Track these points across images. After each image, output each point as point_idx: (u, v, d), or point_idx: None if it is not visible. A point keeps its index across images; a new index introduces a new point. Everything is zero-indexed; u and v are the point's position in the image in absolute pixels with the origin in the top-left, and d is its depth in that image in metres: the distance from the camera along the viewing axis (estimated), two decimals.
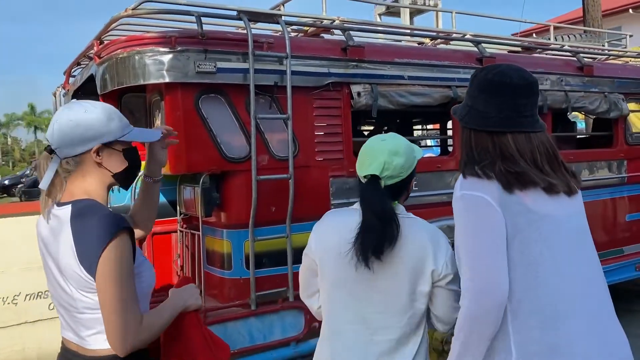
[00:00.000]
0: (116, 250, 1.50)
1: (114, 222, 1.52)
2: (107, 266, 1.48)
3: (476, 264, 1.48)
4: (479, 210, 1.51)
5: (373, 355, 1.72)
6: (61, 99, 4.14)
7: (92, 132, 1.58)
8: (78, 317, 1.55)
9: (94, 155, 1.59)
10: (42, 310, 4.56)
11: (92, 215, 1.54)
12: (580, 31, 6.11)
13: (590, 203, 4.33)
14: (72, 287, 1.53)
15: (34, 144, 63.84)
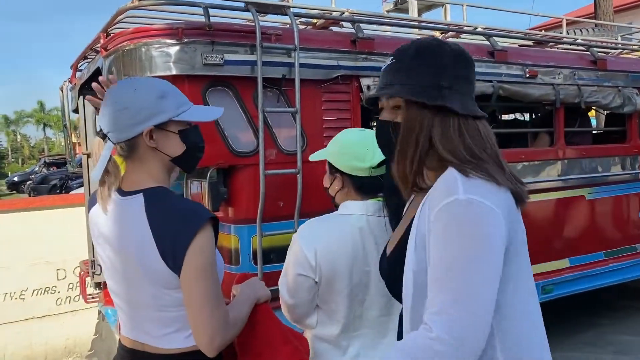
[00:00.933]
0: (203, 243, 1.37)
1: (198, 212, 1.39)
2: (195, 261, 1.36)
3: (468, 299, 1.08)
4: (490, 228, 1.11)
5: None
6: (68, 93, 4.11)
7: (143, 114, 1.42)
8: (153, 315, 1.44)
9: (147, 139, 1.43)
10: (50, 305, 4.56)
11: (171, 206, 1.40)
12: (592, 25, 6.02)
13: (603, 199, 4.28)
14: (148, 284, 1.40)
15: (43, 141, 64.29)
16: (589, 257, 4.22)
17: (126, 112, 1.42)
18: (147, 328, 1.46)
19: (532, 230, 4.03)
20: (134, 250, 1.40)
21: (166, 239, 1.36)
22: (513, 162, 3.77)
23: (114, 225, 1.44)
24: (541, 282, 3.89)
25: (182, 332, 1.44)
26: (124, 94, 1.44)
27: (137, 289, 1.43)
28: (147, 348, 1.47)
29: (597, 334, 4.74)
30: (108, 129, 1.43)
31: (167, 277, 1.38)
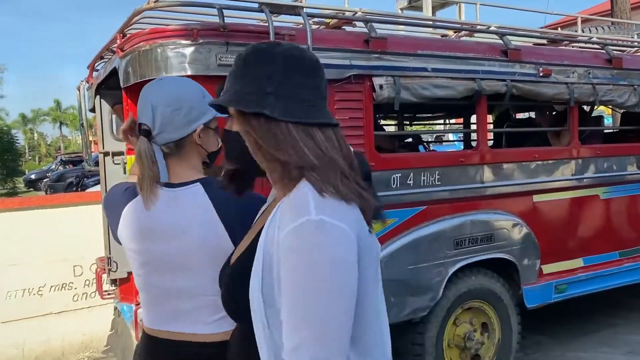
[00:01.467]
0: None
1: (260, 198, 1.46)
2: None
3: (328, 334, 0.99)
4: (346, 255, 1.01)
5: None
6: (85, 93, 4.17)
7: (194, 113, 1.52)
8: (209, 300, 1.48)
9: (197, 136, 1.53)
10: (67, 301, 4.63)
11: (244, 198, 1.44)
12: (608, 23, 5.97)
13: (617, 199, 4.25)
14: (209, 268, 1.44)
15: (59, 139, 64.97)
16: (604, 256, 4.20)
17: (179, 113, 1.49)
18: (200, 316, 1.50)
19: (546, 230, 4.02)
20: (198, 233, 1.46)
21: (234, 219, 1.44)
22: (526, 161, 3.77)
23: (172, 215, 1.48)
24: (554, 282, 3.88)
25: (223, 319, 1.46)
26: (173, 94, 1.51)
27: (193, 276, 1.48)
28: (190, 337, 1.50)
29: (612, 334, 4.71)
30: (158, 130, 1.49)
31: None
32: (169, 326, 1.53)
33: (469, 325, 3.58)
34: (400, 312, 3.19)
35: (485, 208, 3.59)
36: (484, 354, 3.66)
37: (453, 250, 3.39)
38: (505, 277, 3.72)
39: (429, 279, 3.29)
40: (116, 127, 3.96)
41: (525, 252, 3.71)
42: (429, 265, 3.30)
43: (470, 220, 3.48)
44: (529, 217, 3.76)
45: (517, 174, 3.72)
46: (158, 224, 1.50)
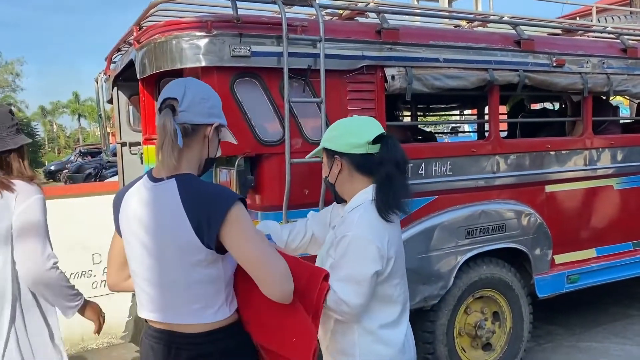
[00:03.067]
0: (238, 213, 1.53)
1: (227, 193, 1.59)
2: (236, 228, 1.51)
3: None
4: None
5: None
6: (103, 84, 4.26)
7: (216, 110, 1.67)
8: (182, 293, 1.56)
9: (210, 132, 1.64)
10: (86, 289, 4.72)
11: (203, 189, 1.56)
12: (625, 12, 5.90)
13: (631, 189, 4.24)
14: (180, 261, 1.53)
15: (78, 131, 65.68)
16: (617, 247, 4.19)
17: (206, 102, 1.62)
18: (177, 306, 1.58)
19: (558, 220, 4.02)
20: (168, 229, 1.54)
21: (200, 216, 1.50)
22: (539, 151, 3.77)
23: (148, 209, 1.59)
24: (566, 272, 3.88)
25: (209, 309, 1.58)
26: (205, 88, 1.66)
27: (169, 268, 1.56)
28: (175, 327, 1.58)
29: (625, 325, 4.71)
30: (185, 107, 1.58)
31: (199, 252, 1.52)
32: (158, 316, 1.62)
33: (480, 314, 3.61)
34: (411, 300, 3.21)
35: (497, 198, 3.60)
36: (495, 342, 3.69)
37: (464, 239, 3.41)
38: (517, 267, 3.74)
39: (440, 268, 3.33)
40: (133, 118, 4.03)
41: (537, 242, 3.72)
42: (440, 254, 3.33)
43: (481, 210, 3.50)
44: (541, 207, 3.77)
45: (529, 164, 3.73)
46: (138, 217, 1.61)
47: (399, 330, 1.91)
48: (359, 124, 1.94)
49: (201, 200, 1.53)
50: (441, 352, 3.42)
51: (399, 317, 1.92)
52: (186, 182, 1.57)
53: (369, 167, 1.87)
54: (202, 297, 1.57)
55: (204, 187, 1.58)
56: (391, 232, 1.85)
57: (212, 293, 1.57)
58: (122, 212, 1.67)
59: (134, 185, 1.69)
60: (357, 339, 1.87)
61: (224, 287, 1.60)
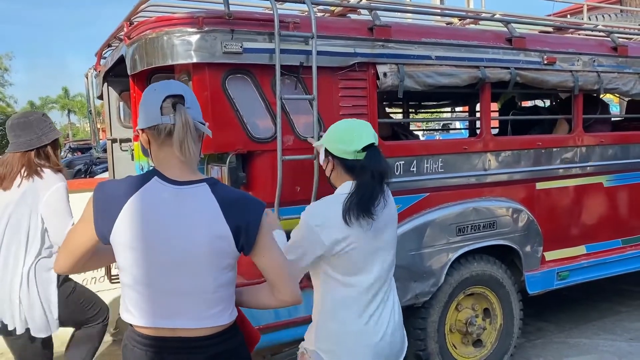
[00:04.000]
0: (269, 217, 1.67)
1: (258, 200, 1.68)
2: (267, 235, 1.62)
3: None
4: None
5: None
6: (93, 80, 4.23)
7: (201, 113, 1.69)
8: (205, 297, 1.57)
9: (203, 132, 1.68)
10: None
11: (237, 194, 1.66)
12: (616, 10, 5.94)
13: (621, 187, 4.27)
14: (209, 265, 1.55)
15: (67, 127, 65.21)
16: (606, 244, 4.22)
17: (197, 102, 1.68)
18: (191, 311, 1.56)
19: (549, 217, 4.05)
20: (205, 233, 1.53)
21: (239, 222, 1.56)
22: (529, 148, 3.79)
23: (178, 212, 1.54)
24: (556, 269, 3.91)
25: (227, 311, 1.63)
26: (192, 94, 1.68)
27: (192, 274, 1.54)
28: (183, 333, 1.55)
29: (614, 321, 4.75)
30: (190, 103, 1.61)
31: (229, 257, 1.58)
32: (169, 323, 1.56)
33: (471, 310, 3.62)
34: (402, 297, 3.24)
35: (488, 195, 3.62)
36: (486, 339, 3.71)
37: (455, 236, 3.42)
38: (508, 264, 3.76)
39: (431, 265, 3.34)
40: (123, 114, 4.01)
41: (528, 239, 3.74)
42: (432, 251, 3.34)
43: (473, 207, 3.51)
44: (531, 204, 3.79)
45: (520, 161, 3.75)
46: (164, 219, 1.52)
47: (355, 313, 2.08)
48: (352, 132, 2.16)
49: (237, 206, 1.57)
50: (432, 349, 3.44)
51: (356, 302, 2.08)
52: (218, 187, 1.60)
53: (356, 170, 2.12)
54: (223, 300, 1.61)
55: (236, 193, 1.66)
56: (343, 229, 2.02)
57: (229, 295, 1.64)
58: (126, 216, 1.52)
59: (143, 187, 1.56)
60: (319, 310, 2.12)
61: (233, 291, 1.68)
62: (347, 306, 2.08)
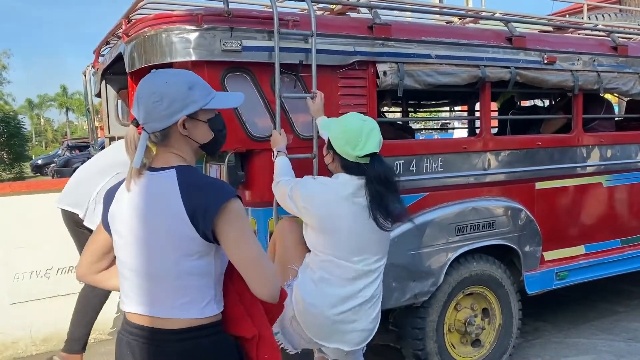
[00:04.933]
0: (236, 209, 1.52)
1: (226, 186, 1.58)
2: (234, 225, 1.51)
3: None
4: None
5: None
6: (91, 78, 4.21)
7: (176, 105, 1.55)
8: (170, 284, 1.53)
9: (181, 128, 1.57)
10: (74, 284, 4.69)
11: (202, 180, 1.57)
12: (616, 10, 5.93)
13: (621, 187, 4.26)
14: (171, 251, 1.51)
15: (65, 125, 65.13)
16: (605, 244, 4.22)
17: (160, 104, 1.54)
18: (163, 299, 1.54)
19: (548, 217, 4.04)
20: (163, 217, 1.51)
21: (196, 205, 1.49)
22: (529, 148, 3.78)
23: (144, 197, 1.55)
24: (555, 269, 3.90)
25: (197, 303, 1.54)
26: (156, 87, 1.56)
27: (160, 257, 1.53)
28: (159, 322, 1.54)
29: (612, 321, 4.75)
30: (144, 120, 1.55)
31: (192, 243, 1.50)
32: (139, 308, 1.57)
33: (469, 310, 3.61)
34: (401, 297, 3.23)
35: (487, 195, 3.61)
36: (485, 338, 3.70)
37: (455, 236, 3.41)
38: (507, 263, 3.75)
39: (430, 265, 3.33)
40: (122, 112, 3.99)
41: (527, 239, 3.73)
42: (431, 251, 3.33)
43: (472, 207, 3.50)
44: (531, 204, 3.78)
45: (519, 161, 3.74)
46: (134, 204, 1.57)
47: (305, 280, 2.44)
48: (359, 137, 2.32)
49: (199, 190, 1.52)
50: (431, 349, 3.43)
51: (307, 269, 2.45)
52: (185, 172, 1.56)
53: (353, 170, 2.34)
54: (189, 291, 1.54)
55: (202, 179, 1.58)
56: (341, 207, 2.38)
57: (200, 287, 1.55)
58: (114, 204, 1.63)
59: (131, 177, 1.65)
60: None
61: (213, 284, 1.58)
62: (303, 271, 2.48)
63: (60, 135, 62.27)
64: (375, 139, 2.33)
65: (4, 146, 22.19)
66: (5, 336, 4.50)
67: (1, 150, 22.20)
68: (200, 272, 1.54)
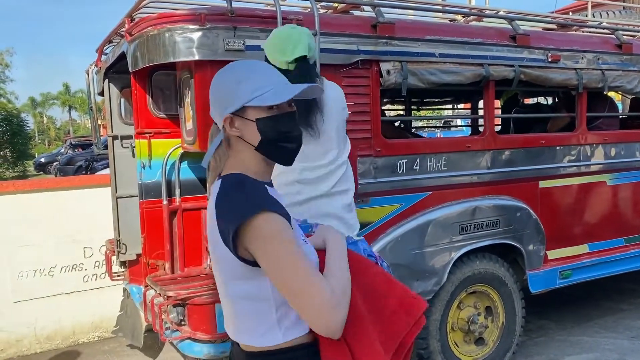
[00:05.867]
0: (261, 223, 1.26)
1: (252, 201, 1.29)
2: (258, 240, 1.26)
3: None
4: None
5: None
6: (94, 76, 4.20)
7: (223, 102, 1.37)
8: (230, 307, 1.39)
9: (227, 127, 1.37)
10: (77, 282, 4.71)
11: (233, 191, 1.32)
12: (619, 7, 5.90)
13: (624, 185, 4.25)
14: (222, 275, 1.37)
15: (68, 123, 65.21)
16: (609, 243, 4.21)
17: (214, 102, 1.39)
18: (230, 321, 1.43)
19: (551, 216, 4.03)
20: (210, 235, 1.36)
21: (223, 224, 1.29)
22: (532, 146, 3.77)
23: (208, 208, 1.41)
24: (559, 267, 3.90)
25: (254, 330, 1.36)
26: (213, 82, 1.41)
27: (219, 280, 1.40)
28: (237, 342, 1.43)
29: (616, 319, 4.74)
30: (213, 113, 1.41)
31: (233, 264, 1.32)
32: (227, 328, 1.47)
33: (473, 308, 3.61)
34: None
35: (491, 194, 3.60)
36: (488, 337, 3.70)
37: (458, 235, 3.41)
38: (510, 262, 3.74)
39: (434, 264, 3.32)
40: (124, 111, 3.99)
41: (531, 238, 3.73)
42: (435, 250, 3.33)
43: (476, 206, 3.49)
44: (534, 203, 3.77)
45: (523, 159, 3.73)
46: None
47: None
48: (287, 41, 2.13)
49: (224, 206, 1.31)
50: (434, 347, 3.43)
51: None
52: (225, 184, 1.35)
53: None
54: (246, 316, 1.36)
55: (232, 191, 1.33)
56: None
57: (256, 312, 1.35)
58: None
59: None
60: None
61: (275, 308, 1.33)
62: None
63: (62, 133, 62.32)
64: (304, 41, 2.12)
65: (7, 144, 22.22)
66: (9, 334, 4.52)
67: (4, 149, 22.22)
68: (251, 296, 1.34)
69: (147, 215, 3.45)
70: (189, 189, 3.51)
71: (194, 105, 2.85)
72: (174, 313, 2.89)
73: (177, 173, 3.43)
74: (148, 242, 3.46)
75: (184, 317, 2.91)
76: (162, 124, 3.51)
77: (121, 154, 3.86)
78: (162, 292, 3.01)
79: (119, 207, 3.80)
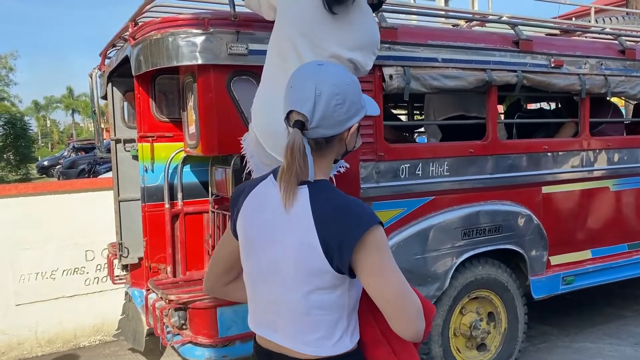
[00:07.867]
0: (379, 235, 1.31)
1: (369, 212, 1.33)
2: (373, 253, 1.30)
3: None
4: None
5: None
6: (97, 80, 4.21)
7: (353, 109, 1.37)
8: (300, 318, 1.36)
9: (349, 135, 1.39)
10: (79, 285, 4.71)
11: (341, 200, 1.33)
12: (622, 13, 5.90)
13: (628, 191, 4.24)
14: (301, 282, 1.33)
15: (71, 126, 65.38)
16: (612, 249, 4.19)
17: (342, 108, 1.34)
18: (292, 332, 1.39)
19: (554, 221, 4.01)
20: (295, 245, 1.33)
21: (332, 236, 1.29)
22: (535, 152, 3.76)
23: (272, 217, 1.38)
24: (562, 273, 3.88)
25: (328, 340, 1.37)
26: (340, 87, 1.34)
27: (289, 287, 1.36)
28: (287, 351, 1.40)
29: (619, 326, 4.72)
30: (316, 124, 1.32)
31: (324, 276, 1.32)
32: (269, 334, 1.44)
33: (475, 314, 3.60)
34: None
35: (493, 199, 3.59)
36: (490, 343, 3.68)
37: (461, 240, 3.40)
38: (513, 268, 3.73)
39: (436, 269, 3.32)
40: (127, 115, 4.00)
41: (533, 243, 3.72)
42: (437, 255, 3.32)
43: (478, 211, 3.49)
44: (537, 208, 3.76)
45: (526, 165, 3.72)
46: (267, 219, 1.40)
47: None
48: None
49: (334, 216, 1.30)
50: (436, 353, 3.42)
51: None
52: (320, 192, 1.33)
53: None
54: (320, 327, 1.36)
55: (338, 199, 1.33)
56: None
57: (332, 322, 1.36)
58: (241, 212, 1.45)
59: (263, 182, 1.46)
60: None
61: (346, 316, 1.38)
62: None
63: (66, 136, 62.44)
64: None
65: (11, 147, 22.31)
66: (11, 337, 4.52)
67: (8, 152, 22.31)
68: (331, 306, 1.35)
69: (149, 218, 3.45)
70: (192, 192, 3.51)
71: (197, 109, 2.85)
72: (176, 317, 2.89)
73: (179, 177, 3.44)
74: (150, 245, 3.46)
75: (186, 321, 2.91)
76: (165, 127, 3.52)
77: (124, 157, 3.87)
78: (163, 296, 3.01)
79: (122, 211, 3.80)
